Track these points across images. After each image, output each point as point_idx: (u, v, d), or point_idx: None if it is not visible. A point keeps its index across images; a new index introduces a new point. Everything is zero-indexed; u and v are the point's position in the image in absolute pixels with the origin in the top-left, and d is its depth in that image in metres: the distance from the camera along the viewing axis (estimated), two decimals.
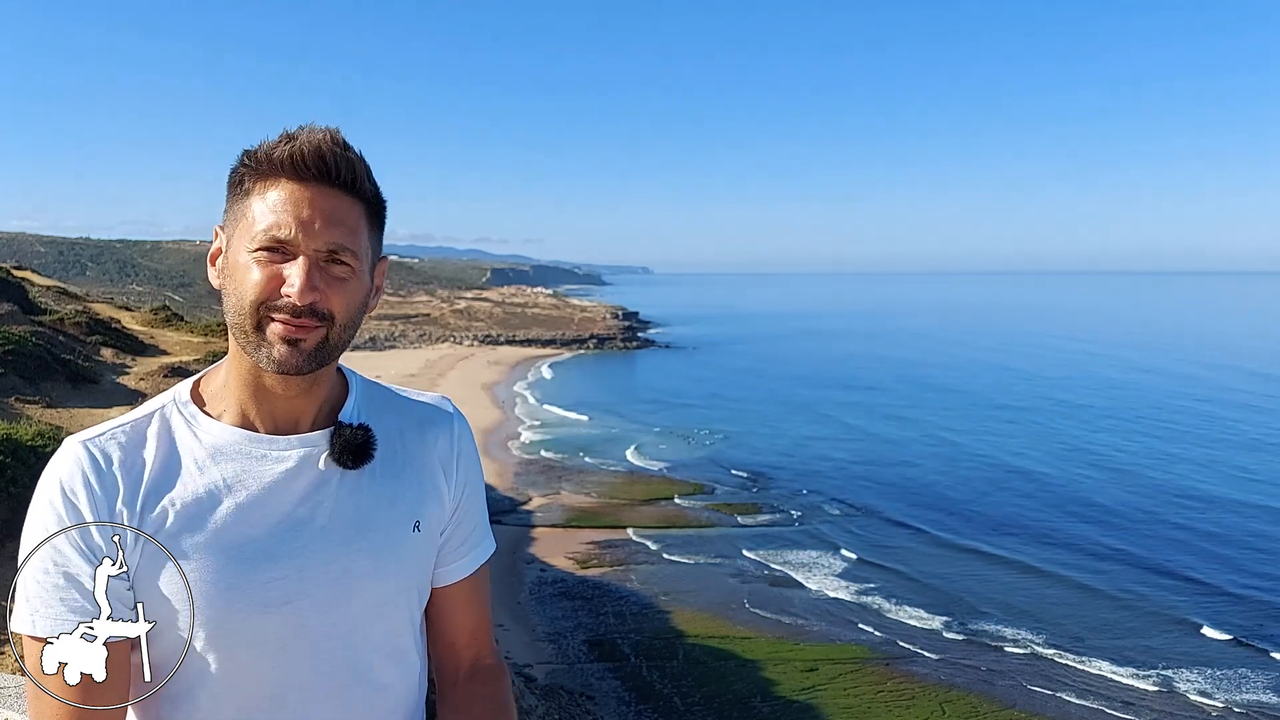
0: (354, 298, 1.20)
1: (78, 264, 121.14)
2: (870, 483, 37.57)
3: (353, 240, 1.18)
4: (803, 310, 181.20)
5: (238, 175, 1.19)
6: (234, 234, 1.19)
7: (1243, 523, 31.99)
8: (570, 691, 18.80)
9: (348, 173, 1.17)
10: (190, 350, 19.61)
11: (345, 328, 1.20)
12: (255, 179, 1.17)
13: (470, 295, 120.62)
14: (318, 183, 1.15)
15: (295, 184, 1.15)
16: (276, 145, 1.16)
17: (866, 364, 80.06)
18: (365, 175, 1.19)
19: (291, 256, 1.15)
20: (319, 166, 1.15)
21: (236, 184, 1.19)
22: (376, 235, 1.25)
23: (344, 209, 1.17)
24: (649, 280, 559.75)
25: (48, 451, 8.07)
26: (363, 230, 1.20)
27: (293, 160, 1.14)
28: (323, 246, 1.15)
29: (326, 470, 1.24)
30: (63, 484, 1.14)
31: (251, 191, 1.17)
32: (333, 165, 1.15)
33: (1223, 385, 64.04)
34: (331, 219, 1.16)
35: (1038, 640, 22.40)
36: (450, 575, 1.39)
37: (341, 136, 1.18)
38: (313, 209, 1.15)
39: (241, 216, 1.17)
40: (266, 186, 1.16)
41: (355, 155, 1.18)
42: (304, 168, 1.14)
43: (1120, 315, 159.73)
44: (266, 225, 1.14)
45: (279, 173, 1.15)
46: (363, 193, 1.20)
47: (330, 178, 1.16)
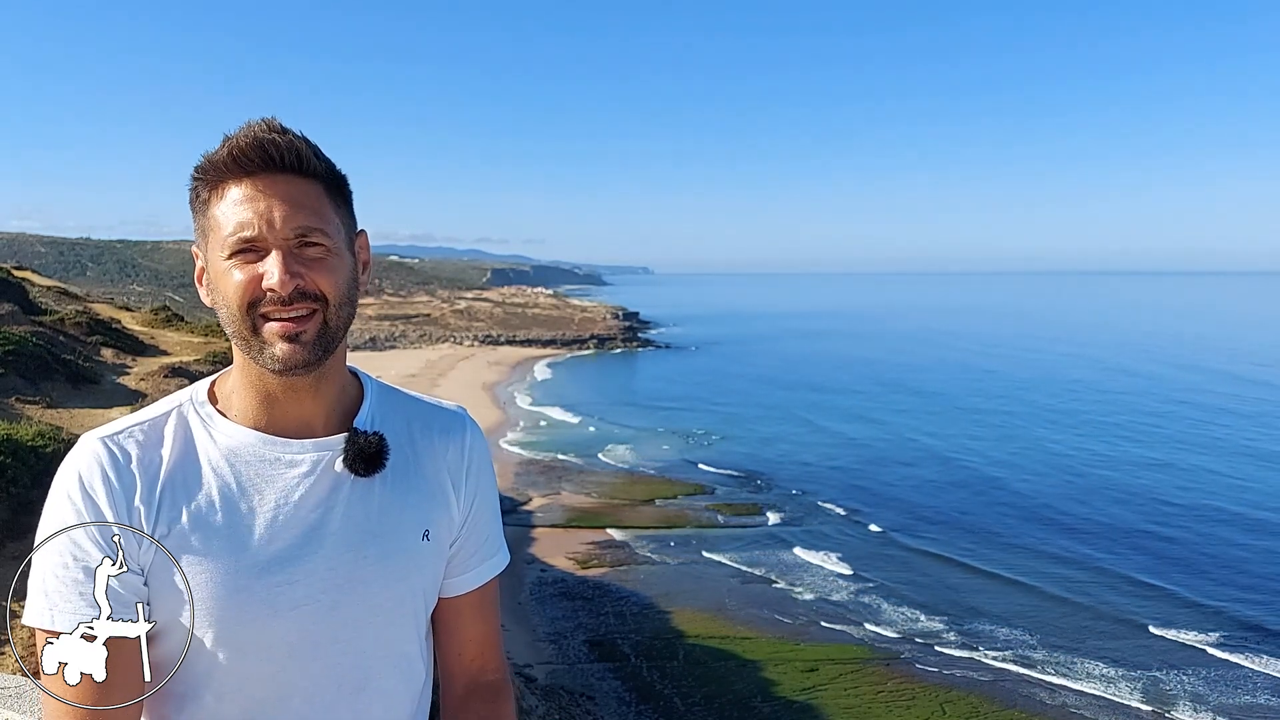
0: (339, 274, 1.19)
1: (78, 264, 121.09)
2: (871, 483, 37.56)
3: (317, 220, 1.17)
4: (804, 311, 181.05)
5: (193, 191, 1.19)
6: (207, 248, 1.19)
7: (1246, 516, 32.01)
8: (570, 691, 18.81)
9: (291, 156, 1.16)
10: (190, 350, 19.60)
11: (341, 305, 1.19)
12: (208, 188, 1.17)
13: (470, 295, 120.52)
14: (265, 173, 1.15)
15: (244, 181, 1.15)
16: (218, 149, 1.16)
17: (867, 365, 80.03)
18: (312, 154, 1.18)
19: (264, 252, 1.15)
20: (261, 156, 1.14)
21: (194, 199, 1.19)
22: (344, 210, 1.24)
23: (299, 192, 1.17)
24: (649, 280, 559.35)
25: (48, 452, 8.10)
26: (326, 207, 1.19)
27: (234, 157, 1.14)
28: (290, 234, 1.15)
29: (339, 476, 1.24)
30: (82, 479, 1.14)
31: (209, 201, 1.17)
32: (274, 152, 1.15)
33: (1200, 388, 63.93)
34: (290, 204, 1.15)
35: (1038, 640, 22.39)
36: (458, 587, 1.38)
37: (278, 122, 1.18)
38: (268, 200, 1.15)
39: (209, 229, 1.18)
40: (220, 192, 1.16)
41: (295, 136, 1.18)
42: (247, 161, 1.14)
43: (1120, 315, 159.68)
44: (231, 229, 1.14)
45: (226, 174, 1.15)
46: (313, 171, 1.18)
47: (275, 164, 1.15)
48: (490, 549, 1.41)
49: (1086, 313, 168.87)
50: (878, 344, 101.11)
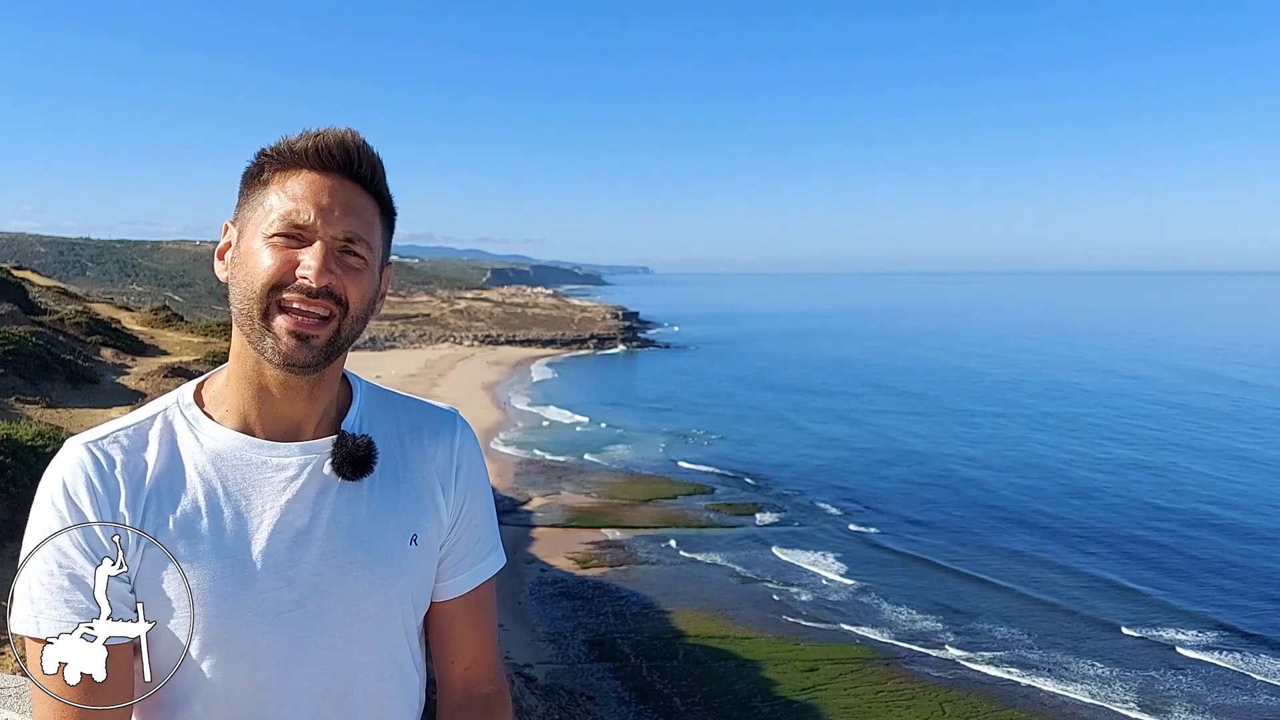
0: (367, 289, 1.21)
1: (78, 264, 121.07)
2: (870, 484, 37.56)
3: (368, 232, 1.20)
4: (804, 311, 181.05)
5: (257, 166, 1.21)
6: (247, 224, 1.19)
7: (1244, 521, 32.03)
8: (570, 691, 18.81)
9: (368, 166, 1.20)
10: (190, 350, 19.60)
11: (357, 320, 1.20)
12: (276, 169, 1.19)
13: (470, 295, 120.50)
14: (339, 173, 1.19)
15: (317, 173, 1.18)
16: (300, 138, 1.19)
17: (866, 365, 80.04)
18: (382, 175, 1.23)
19: (308, 243, 1.16)
20: (343, 157, 1.18)
21: (255, 175, 1.21)
22: (387, 237, 1.27)
23: (361, 202, 1.20)
24: (649, 280, 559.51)
25: (48, 451, 8.09)
26: (377, 226, 1.23)
27: (318, 150, 1.18)
28: (340, 234, 1.17)
29: (327, 479, 1.22)
30: (66, 485, 1.13)
31: (270, 182, 1.19)
32: (355, 157, 1.19)
33: (1188, 389, 63.94)
34: (349, 209, 1.18)
35: (1037, 641, 22.40)
36: (449, 591, 1.36)
37: (362, 137, 1.22)
38: (333, 197, 1.17)
39: (258, 206, 1.19)
40: (287, 176, 1.18)
41: (375, 154, 1.22)
42: (329, 157, 1.18)
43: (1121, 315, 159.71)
44: (285, 211, 1.16)
45: (302, 163, 1.18)
46: (379, 190, 1.23)
47: (351, 169, 1.19)
48: (482, 552, 1.39)
49: (1087, 313, 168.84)
50: (877, 345, 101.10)
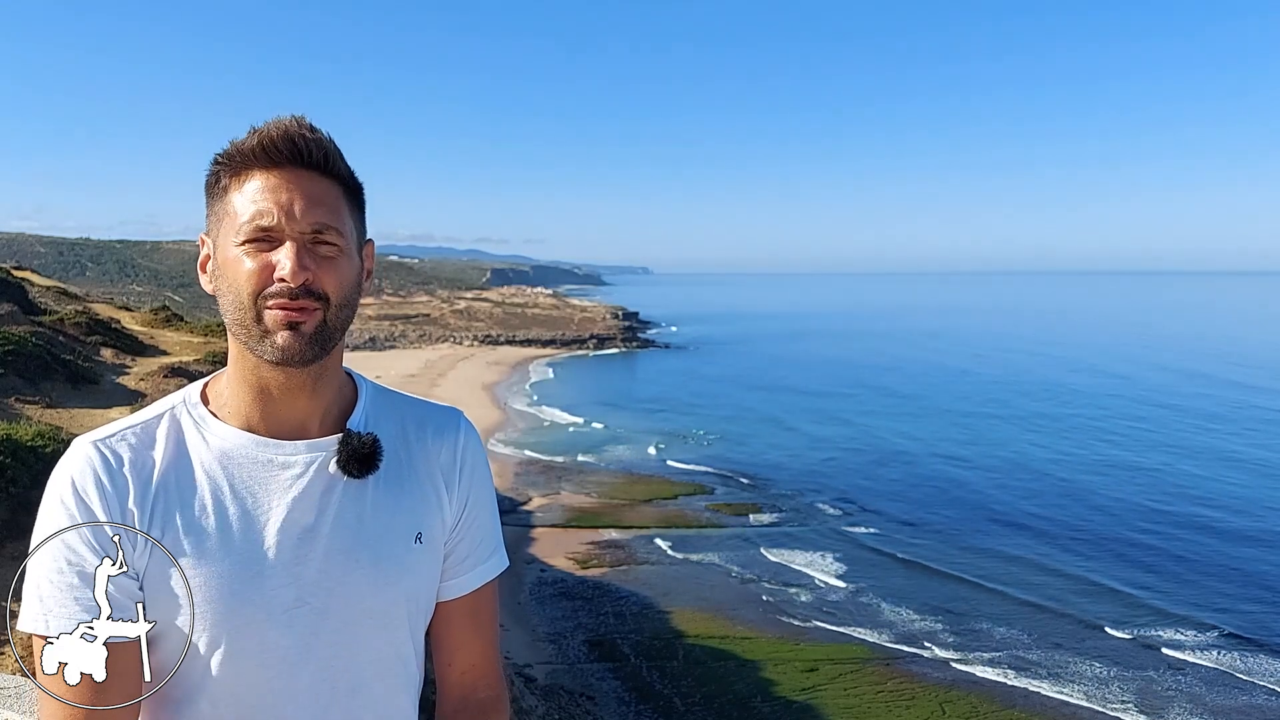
0: (345, 276, 1.20)
1: (78, 264, 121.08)
2: (870, 483, 37.55)
3: (335, 219, 1.19)
4: (804, 311, 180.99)
5: (213, 176, 1.20)
6: (219, 234, 1.19)
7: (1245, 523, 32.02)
8: (570, 691, 18.80)
9: (319, 154, 1.18)
10: (190, 350, 19.59)
11: (341, 307, 1.20)
12: (230, 175, 1.18)
13: (470, 295, 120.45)
14: (292, 166, 1.17)
15: (270, 171, 1.16)
16: (246, 137, 1.17)
17: (863, 366, 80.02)
18: (337, 156, 1.20)
19: (279, 243, 1.15)
20: (290, 150, 1.16)
21: (213, 184, 1.20)
22: (358, 216, 1.25)
23: (321, 190, 1.18)
24: (649, 280, 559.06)
25: (48, 452, 8.09)
26: (343, 209, 1.21)
27: (263, 147, 1.16)
28: (307, 228, 1.16)
29: (332, 478, 1.23)
30: (75, 483, 1.14)
31: (229, 188, 1.18)
32: (303, 147, 1.17)
33: (1181, 390, 63.95)
34: (311, 200, 1.17)
35: (1037, 640, 22.40)
36: (450, 591, 1.37)
37: (308, 121, 1.19)
38: (291, 192, 1.16)
39: (224, 214, 1.18)
40: (242, 180, 1.17)
41: (324, 137, 1.19)
42: (276, 152, 1.16)
43: (1120, 316, 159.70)
44: (249, 216, 1.15)
45: (252, 163, 1.16)
46: (337, 173, 1.21)
47: (302, 159, 1.17)
48: (484, 554, 1.39)
49: (1088, 314, 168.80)
50: (874, 345, 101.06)
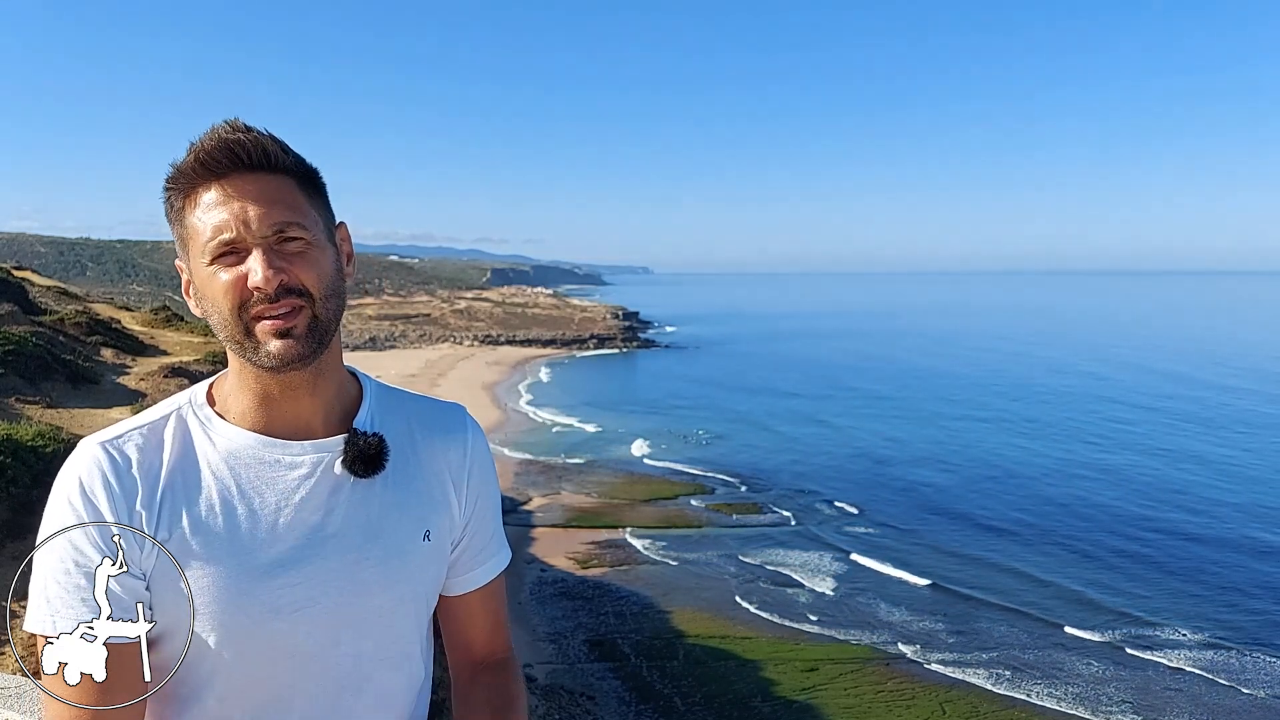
0: (322, 267, 1.18)
1: (78, 264, 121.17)
2: (869, 484, 37.58)
3: (293, 214, 1.16)
4: (804, 311, 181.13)
5: (167, 202, 1.19)
6: (189, 257, 1.18)
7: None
8: (570, 691, 18.81)
9: (258, 153, 1.15)
10: (190, 350, 19.58)
11: (327, 298, 1.19)
12: (181, 197, 1.17)
13: (470, 295, 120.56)
14: (235, 173, 1.15)
15: (216, 184, 1.15)
16: (185, 157, 1.16)
17: (864, 366, 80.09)
18: (279, 149, 1.17)
19: (245, 253, 1.14)
20: (228, 157, 1.14)
21: (169, 210, 1.19)
22: (320, 203, 1.23)
23: (272, 188, 1.16)
24: (649, 280, 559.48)
25: (48, 452, 8.09)
26: (300, 201, 1.18)
27: (201, 162, 1.14)
28: (268, 231, 1.14)
29: (339, 477, 1.23)
30: (83, 484, 1.14)
31: (184, 210, 1.17)
32: (240, 151, 1.14)
33: (1180, 394, 63.98)
34: (264, 202, 1.14)
35: (1037, 639, 22.41)
36: (465, 585, 1.39)
37: (241, 121, 1.17)
38: (241, 200, 1.14)
39: (188, 237, 1.17)
40: (193, 199, 1.16)
41: (260, 134, 1.17)
42: (215, 164, 1.14)
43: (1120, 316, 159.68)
44: (209, 233, 1.14)
45: (197, 180, 1.15)
46: (283, 166, 1.18)
47: (243, 164, 1.15)
48: (494, 547, 1.42)
49: (1087, 314, 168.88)
50: (872, 346, 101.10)
